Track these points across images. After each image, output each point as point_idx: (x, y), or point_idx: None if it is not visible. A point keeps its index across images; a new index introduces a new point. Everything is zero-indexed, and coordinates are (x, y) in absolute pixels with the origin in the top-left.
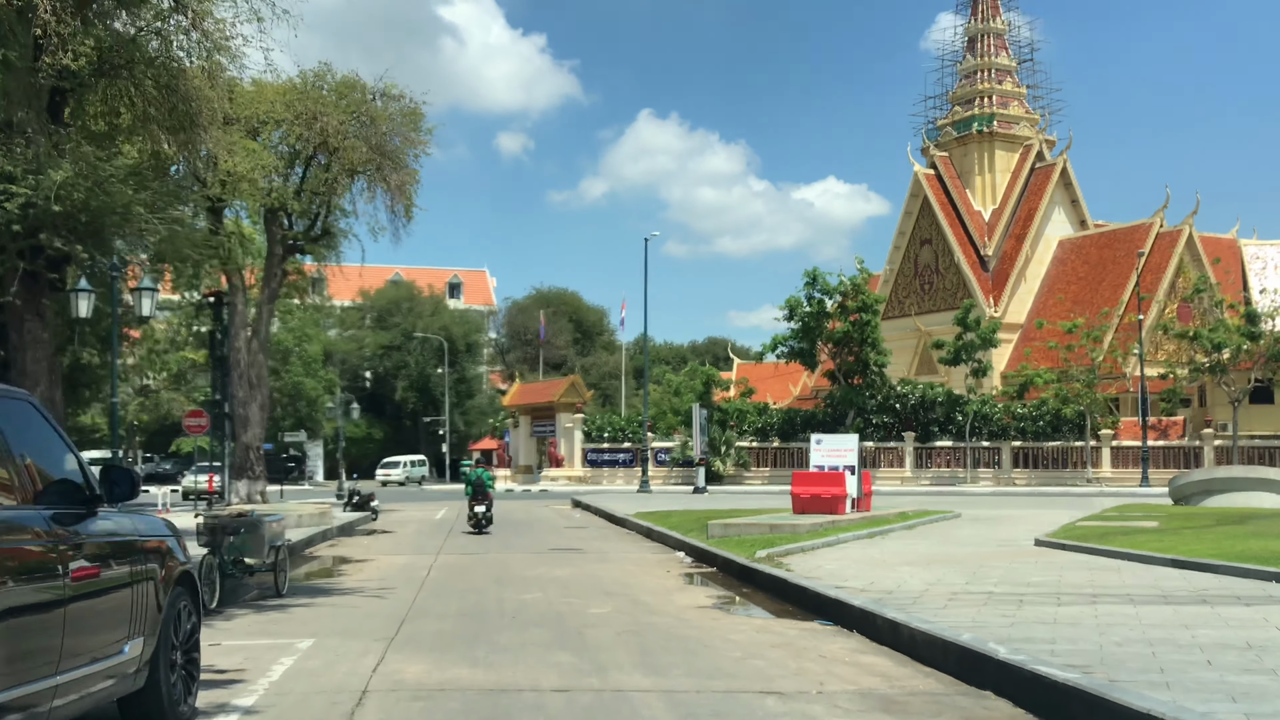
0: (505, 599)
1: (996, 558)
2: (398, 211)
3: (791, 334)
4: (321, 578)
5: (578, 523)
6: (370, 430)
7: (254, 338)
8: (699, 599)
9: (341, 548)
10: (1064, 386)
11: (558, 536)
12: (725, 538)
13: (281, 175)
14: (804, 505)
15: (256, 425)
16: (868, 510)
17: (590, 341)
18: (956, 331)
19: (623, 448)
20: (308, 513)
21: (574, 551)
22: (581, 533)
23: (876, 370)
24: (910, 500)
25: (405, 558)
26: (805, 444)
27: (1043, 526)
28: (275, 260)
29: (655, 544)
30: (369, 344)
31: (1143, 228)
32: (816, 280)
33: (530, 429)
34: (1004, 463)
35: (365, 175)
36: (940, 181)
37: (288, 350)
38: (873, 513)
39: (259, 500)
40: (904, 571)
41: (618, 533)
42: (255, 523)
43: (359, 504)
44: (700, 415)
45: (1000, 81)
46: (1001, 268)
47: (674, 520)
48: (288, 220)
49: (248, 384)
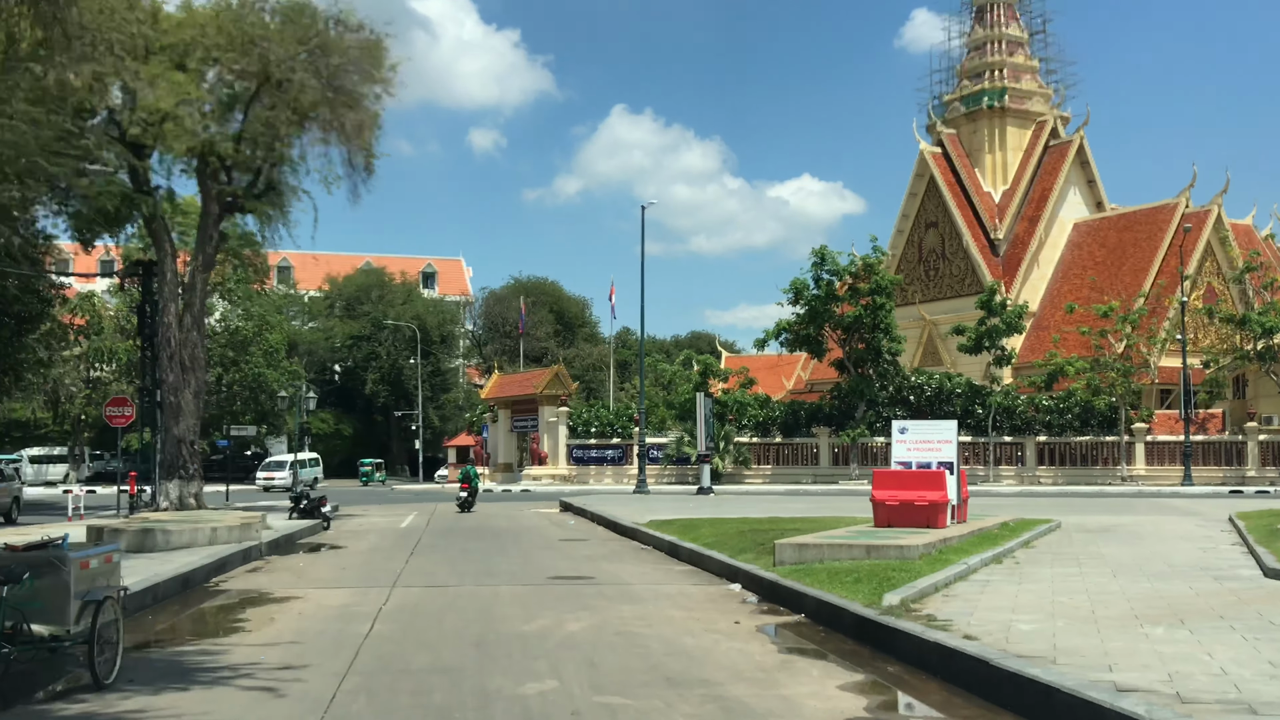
0: (493, 699)
1: (1250, 601)
2: (356, 164)
3: (797, 319)
4: (197, 639)
5: (574, 532)
6: (339, 426)
7: (186, 312)
8: (830, 695)
9: (263, 575)
10: (1096, 376)
11: (555, 555)
12: (804, 565)
13: (218, 121)
14: (891, 515)
15: (190, 415)
16: (964, 519)
17: (572, 333)
18: (977, 316)
19: (611, 443)
20: (228, 524)
21: (584, 582)
22: (583, 548)
23: (890, 359)
24: None
25: (346, 594)
26: (811, 440)
27: (1193, 540)
28: (210, 220)
29: (687, 567)
30: (337, 334)
31: (1167, 208)
32: (826, 260)
33: (510, 424)
34: (1028, 459)
35: (317, 121)
36: (948, 160)
37: (247, 339)
38: (974, 524)
39: (192, 504)
40: (1156, 638)
41: (630, 548)
42: (52, 562)
43: (308, 509)
44: (705, 405)
45: (1012, 54)
46: (1013, 252)
47: (705, 533)
48: (226, 174)
49: (179, 367)
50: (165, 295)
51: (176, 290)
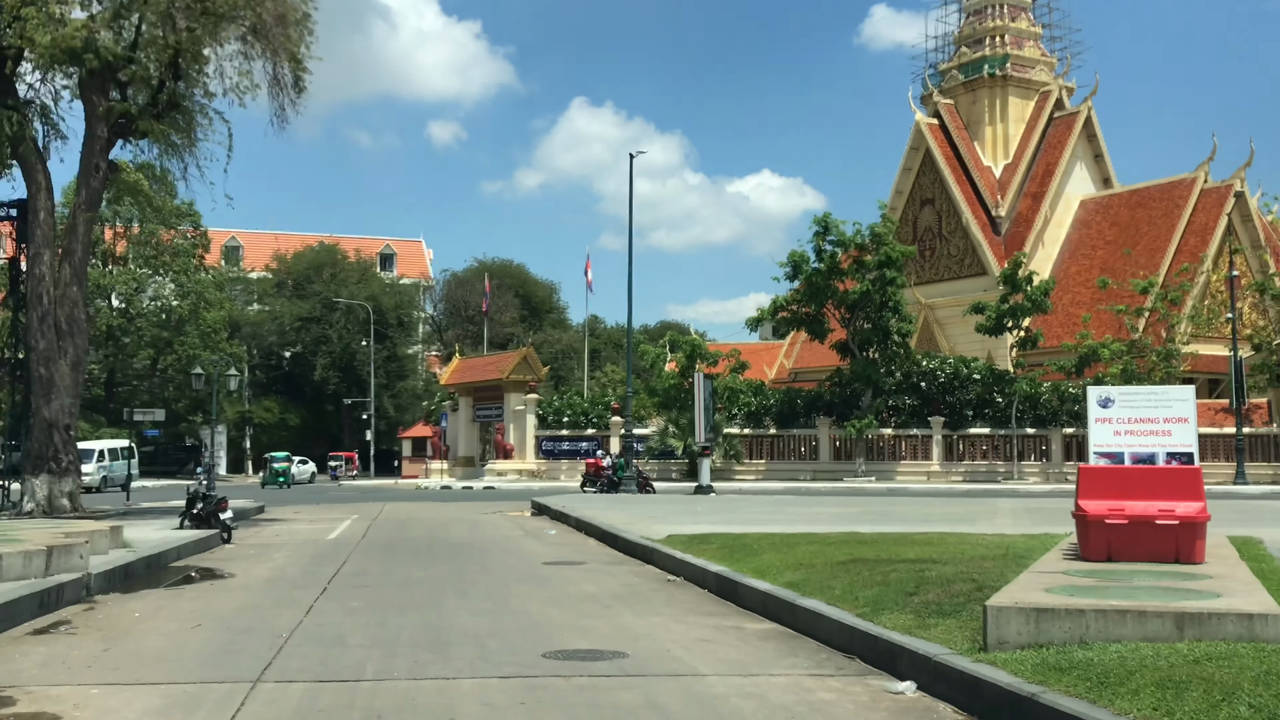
0: None
1: None
2: (283, 78)
3: (795, 296)
4: None
5: (560, 548)
6: (284, 415)
7: (65, 262)
8: None
9: (39, 647)
10: (1133, 361)
11: (543, 595)
12: (1065, 654)
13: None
14: (1114, 540)
15: (67, 393)
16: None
17: (539, 319)
18: (976, 298)
19: (586, 435)
20: (26, 547)
21: (610, 671)
22: (582, 579)
23: (899, 340)
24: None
25: (153, 707)
26: (810, 431)
27: None
28: (96, 146)
29: (767, 625)
30: (284, 314)
31: (1184, 183)
32: (830, 229)
33: (472, 413)
34: (1053, 454)
35: (233, 22)
36: (945, 133)
37: (182, 319)
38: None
39: (65, 506)
40: None
41: (651, 581)
42: None
43: (201, 515)
44: (705, 388)
45: (1014, 19)
46: (1016, 230)
47: (773, 561)
48: (119, 90)
49: (53, 330)
50: (38, 241)
51: (52, 234)
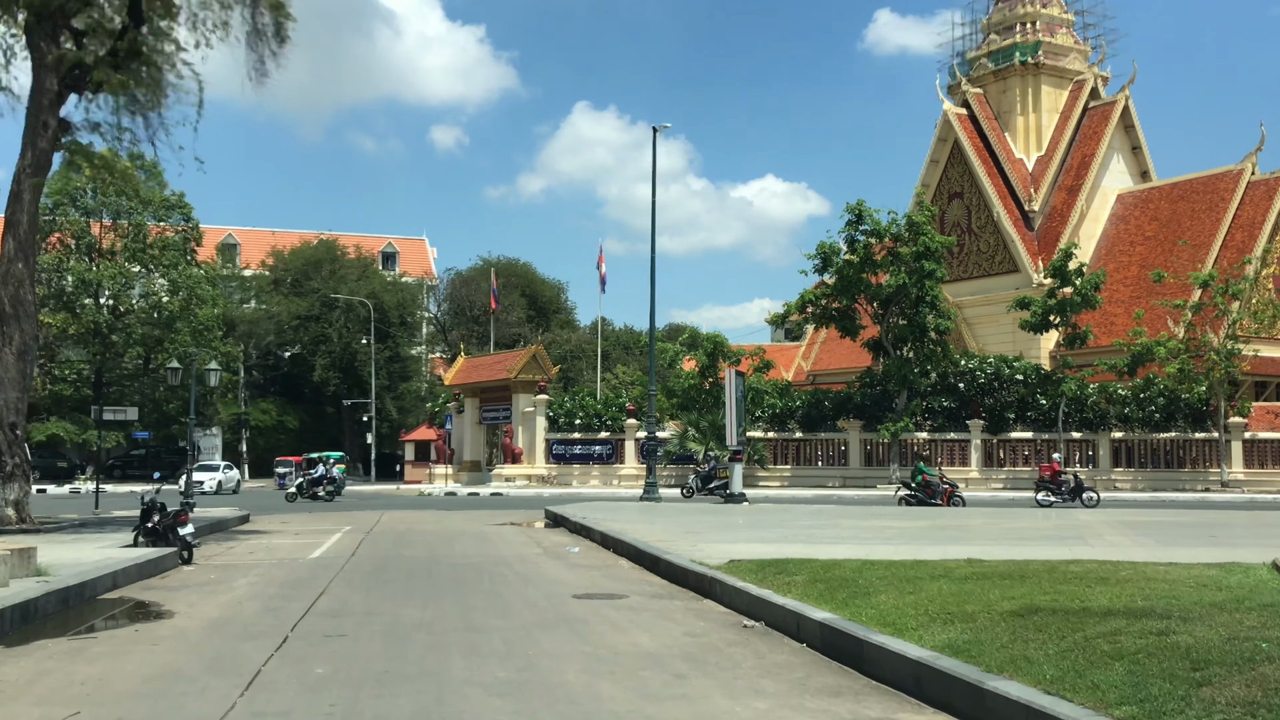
0: None
1: None
2: (263, 25)
3: (825, 290)
4: None
5: (586, 571)
6: (282, 418)
7: (8, 234)
8: None
9: None
10: (1190, 361)
11: (582, 655)
12: None
13: None
14: None
15: (12, 386)
16: None
17: (546, 319)
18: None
19: (599, 438)
20: None
21: None
22: (631, 626)
23: (937, 338)
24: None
25: None
26: (839, 435)
27: None
28: (45, 100)
29: (928, 711)
30: (282, 313)
31: (1228, 176)
32: (863, 218)
33: (479, 415)
34: (1101, 460)
35: None
36: (974, 123)
37: (174, 316)
38: None
39: (10, 516)
40: None
41: (723, 629)
42: None
43: (158, 530)
44: (737, 386)
45: (1045, 4)
46: (1049, 225)
47: (889, 604)
48: (74, 39)
49: None
50: None
51: None
